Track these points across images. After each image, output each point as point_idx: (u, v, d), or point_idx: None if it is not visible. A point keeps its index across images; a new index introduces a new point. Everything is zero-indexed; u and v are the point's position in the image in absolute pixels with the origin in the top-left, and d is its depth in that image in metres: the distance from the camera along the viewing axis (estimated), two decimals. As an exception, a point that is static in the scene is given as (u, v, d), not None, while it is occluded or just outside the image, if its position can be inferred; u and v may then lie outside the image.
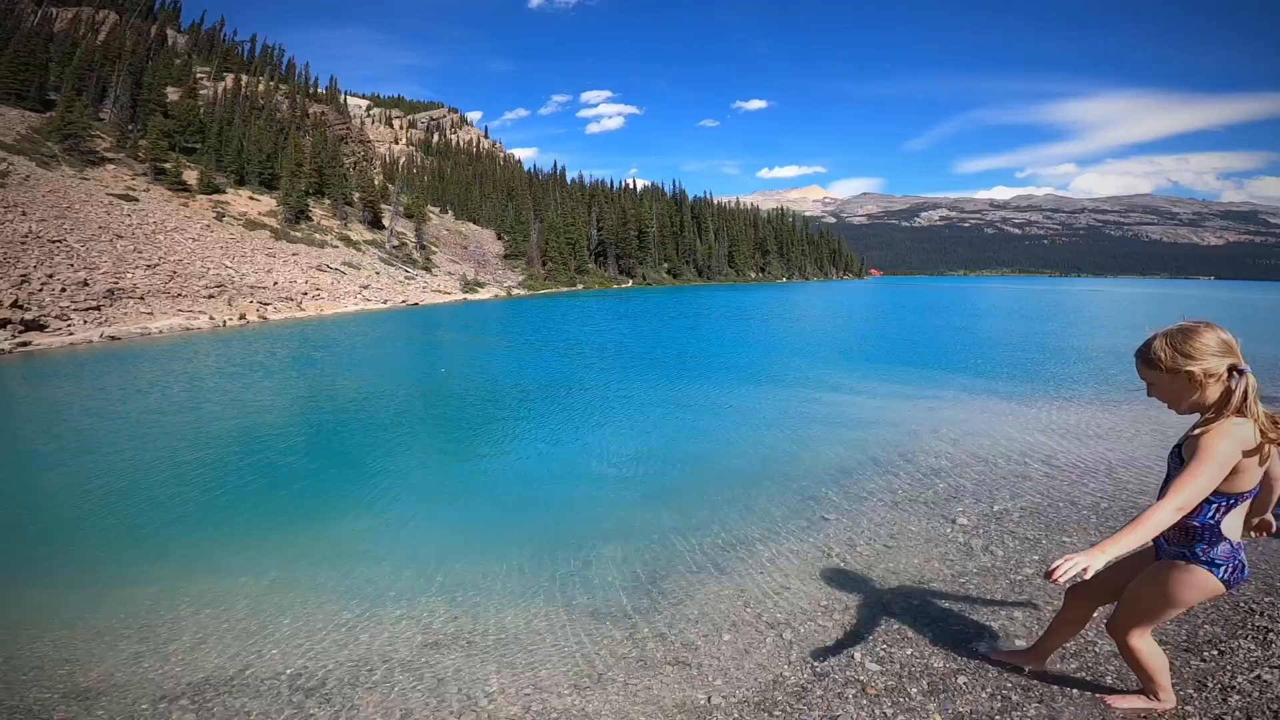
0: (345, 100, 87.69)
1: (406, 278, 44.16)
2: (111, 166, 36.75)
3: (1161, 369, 1.99)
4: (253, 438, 7.80)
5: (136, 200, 32.69)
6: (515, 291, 55.03)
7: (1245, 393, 1.90)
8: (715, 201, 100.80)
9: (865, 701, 2.69)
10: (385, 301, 35.35)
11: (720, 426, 8.32)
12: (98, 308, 19.11)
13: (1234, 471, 1.94)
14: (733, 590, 3.71)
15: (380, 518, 5.19)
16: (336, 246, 42.59)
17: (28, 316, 16.30)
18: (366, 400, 10.51)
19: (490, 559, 4.25)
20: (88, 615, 3.58)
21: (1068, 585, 2.03)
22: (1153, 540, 2.15)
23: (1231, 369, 1.93)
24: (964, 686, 2.74)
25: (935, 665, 2.90)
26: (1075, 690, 2.61)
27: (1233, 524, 2.07)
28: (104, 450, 7.30)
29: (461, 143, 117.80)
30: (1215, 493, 1.97)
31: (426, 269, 49.69)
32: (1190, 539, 2.11)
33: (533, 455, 7.18)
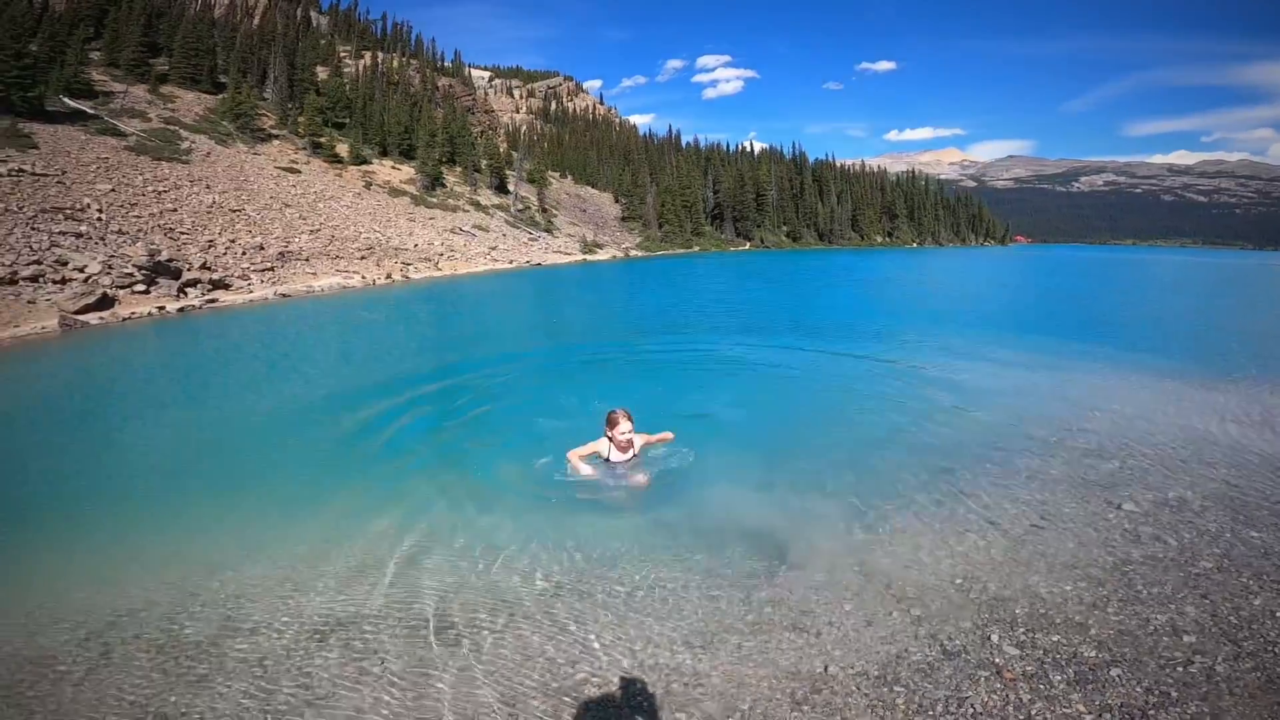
0: (469, 73, 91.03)
1: (530, 239, 45.92)
2: (276, 142, 40.86)
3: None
4: (398, 384, 8.42)
5: (299, 172, 36.27)
6: (633, 253, 55.61)
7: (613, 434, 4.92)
8: (838, 164, 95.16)
9: (999, 685, 2.53)
10: (511, 262, 37.04)
11: (852, 390, 7.88)
12: (271, 269, 21.54)
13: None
14: (857, 559, 3.58)
15: (509, 467, 5.41)
16: (467, 211, 45.00)
17: (214, 277, 18.68)
18: (495, 353, 11.10)
19: (608, 513, 4.37)
20: (248, 560, 3.80)
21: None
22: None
23: (615, 424, 4.93)
24: (1117, 679, 2.52)
25: (1085, 654, 2.67)
26: (1241, 689, 2.41)
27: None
28: (258, 398, 8.23)
29: (578, 110, 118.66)
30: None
31: (548, 231, 51.34)
32: None
33: (654, 411, 7.18)
